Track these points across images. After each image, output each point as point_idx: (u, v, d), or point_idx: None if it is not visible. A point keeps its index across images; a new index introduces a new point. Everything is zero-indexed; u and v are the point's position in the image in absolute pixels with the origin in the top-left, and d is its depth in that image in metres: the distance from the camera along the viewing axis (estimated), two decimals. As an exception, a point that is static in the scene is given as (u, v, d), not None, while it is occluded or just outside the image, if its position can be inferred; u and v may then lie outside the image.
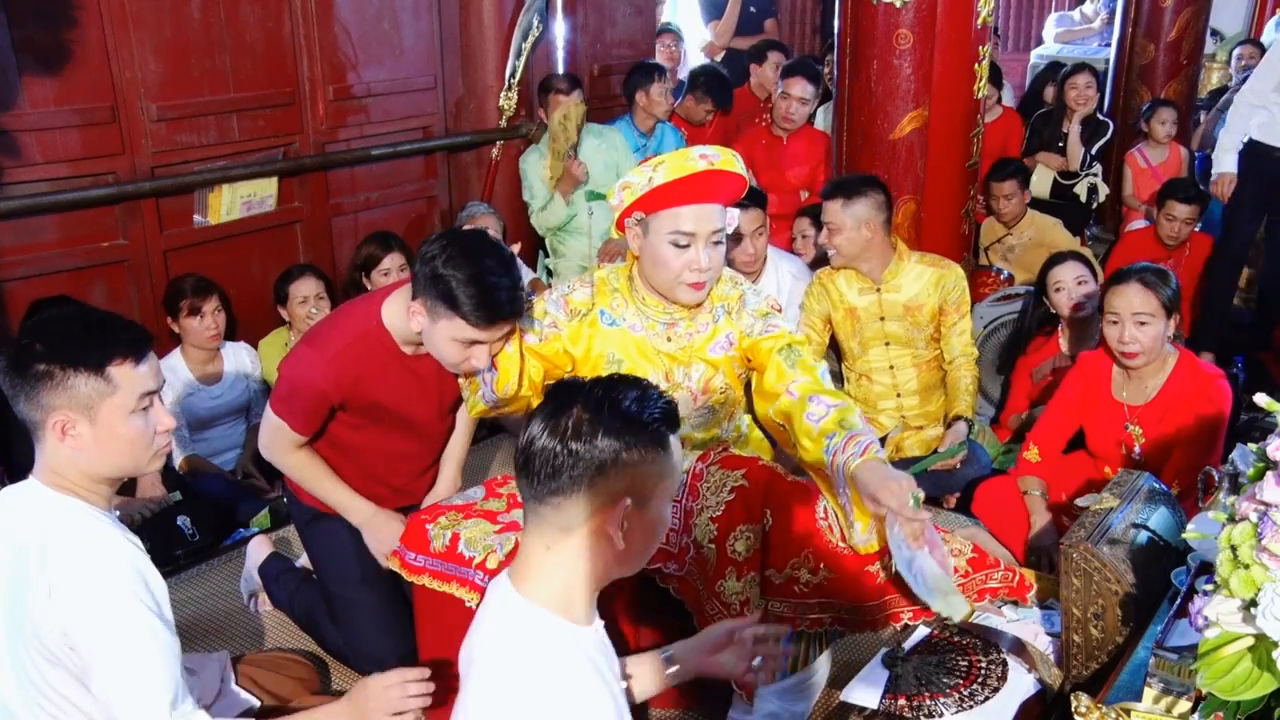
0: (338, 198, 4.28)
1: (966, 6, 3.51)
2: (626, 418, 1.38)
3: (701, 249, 2.18)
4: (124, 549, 1.67)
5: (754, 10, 6.83)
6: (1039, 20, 9.18)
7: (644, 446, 1.38)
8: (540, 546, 1.41)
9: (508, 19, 4.59)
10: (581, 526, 1.39)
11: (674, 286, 2.23)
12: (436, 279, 2.10)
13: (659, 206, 2.19)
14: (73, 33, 3.35)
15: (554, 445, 1.37)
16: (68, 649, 1.62)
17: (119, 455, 1.69)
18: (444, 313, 2.12)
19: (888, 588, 2.26)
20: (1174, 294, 2.79)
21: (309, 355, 2.29)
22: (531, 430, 1.40)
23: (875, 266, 3.30)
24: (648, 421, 1.39)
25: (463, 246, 2.13)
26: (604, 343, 2.32)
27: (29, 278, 3.41)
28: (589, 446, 1.36)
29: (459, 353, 2.18)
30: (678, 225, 2.17)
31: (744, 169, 2.27)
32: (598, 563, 1.41)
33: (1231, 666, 1.29)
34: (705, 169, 2.16)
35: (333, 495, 2.45)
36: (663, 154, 2.28)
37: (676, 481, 1.47)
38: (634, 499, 1.39)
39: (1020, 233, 4.77)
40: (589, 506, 1.38)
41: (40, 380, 1.62)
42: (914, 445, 3.39)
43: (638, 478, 1.39)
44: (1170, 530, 2.17)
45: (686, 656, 1.73)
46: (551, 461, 1.36)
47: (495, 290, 2.10)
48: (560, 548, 1.40)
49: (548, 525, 1.40)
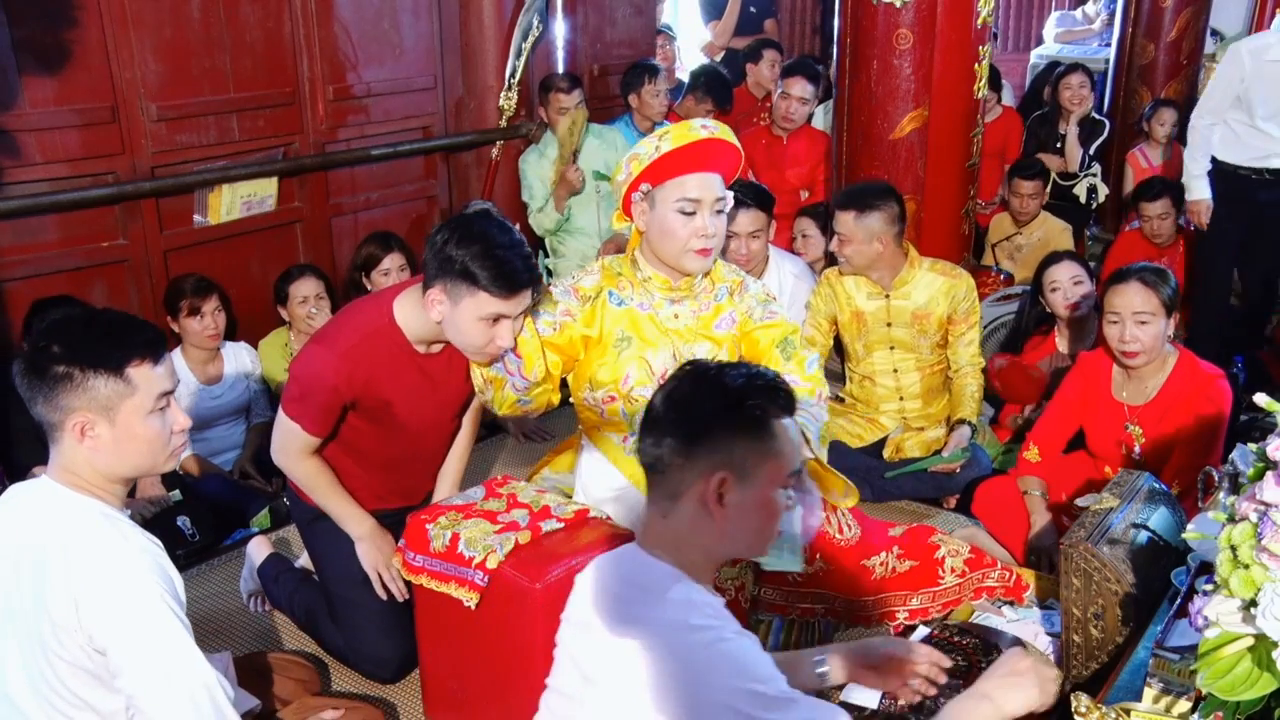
0: (338, 198, 4.28)
1: (966, 6, 3.52)
2: (727, 392, 1.46)
3: (707, 216, 2.29)
4: (145, 549, 1.67)
5: (754, 10, 6.83)
6: (1039, 20, 9.17)
7: (739, 423, 1.45)
8: (657, 515, 1.50)
9: (508, 19, 4.59)
10: (684, 495, 1.46)
11: (681, 255, 2.32)
12: (450, 261, 2.13)
13: (665, 176, 2.29)
14: (73, 33, 3.35)
15: (661, 412, 1.48)
16: (94, 652, 1.62)
17: (137, 455, 1.70)
18: (465, 291, 2.14)
19: (883, 585, 2.27)
20: (1173, 293, 2.79)
21: (320, 352, 2.29)
22: (652, 398, 1.51)
23: (885, 275, 3.29)
24: (747, 398, 1.46)
25: (467, 227, 2.17)
26: (612, 321, 2.39)
27: (29, 278, 3.41)
28: (687, 416, 1.45)
29: (484, 332, 2.19)
30: (684, 193, 2.28)
31: (739, 143, 2.37)
32: (703, 535, 1.47)
33: (1231, 666, 1.29)
34: (707, 137, 2.29)
35: (336, 507, 2.46)
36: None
37: (790, 467, 1.51)
38: (733, 474, 1.44)
39: (1030, 233, 4.78)
40: (688, 475, 1.45)
41: (59, 382, 1.62)
42: (914, 446, 3.38)
43: (735, 454, 1.45)
44: (1170, 530, 2.17)
45: (842, 666, 1.75)
46: (657, 427, 1.47)
47: (509, 260, 2.14)
48: (672, 516, 1.48)
49: (658, 492, 1.49)
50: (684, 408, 1.47)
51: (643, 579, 1.47)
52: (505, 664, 2.18)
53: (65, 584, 1.60)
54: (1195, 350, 2.91)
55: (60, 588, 1.60)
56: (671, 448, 1.46)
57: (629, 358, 2.38)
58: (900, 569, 2.33)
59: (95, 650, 1.62)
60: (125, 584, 1.62)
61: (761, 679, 1.39)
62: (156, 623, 1.62)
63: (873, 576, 2.25)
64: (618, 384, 2.38)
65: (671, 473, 1.47)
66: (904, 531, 2.49)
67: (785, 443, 1.49)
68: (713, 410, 1.45)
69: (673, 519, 1.48)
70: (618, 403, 2.40)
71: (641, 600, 1.44)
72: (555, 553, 2.15)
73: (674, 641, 1.39)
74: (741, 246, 3.43)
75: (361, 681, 2.54)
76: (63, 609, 1.60)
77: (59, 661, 1.63)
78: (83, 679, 1.65)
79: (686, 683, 1.37)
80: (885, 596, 2.31)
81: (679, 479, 1.46)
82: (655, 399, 1.51)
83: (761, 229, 3.48)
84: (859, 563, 2.22)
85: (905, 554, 2.35)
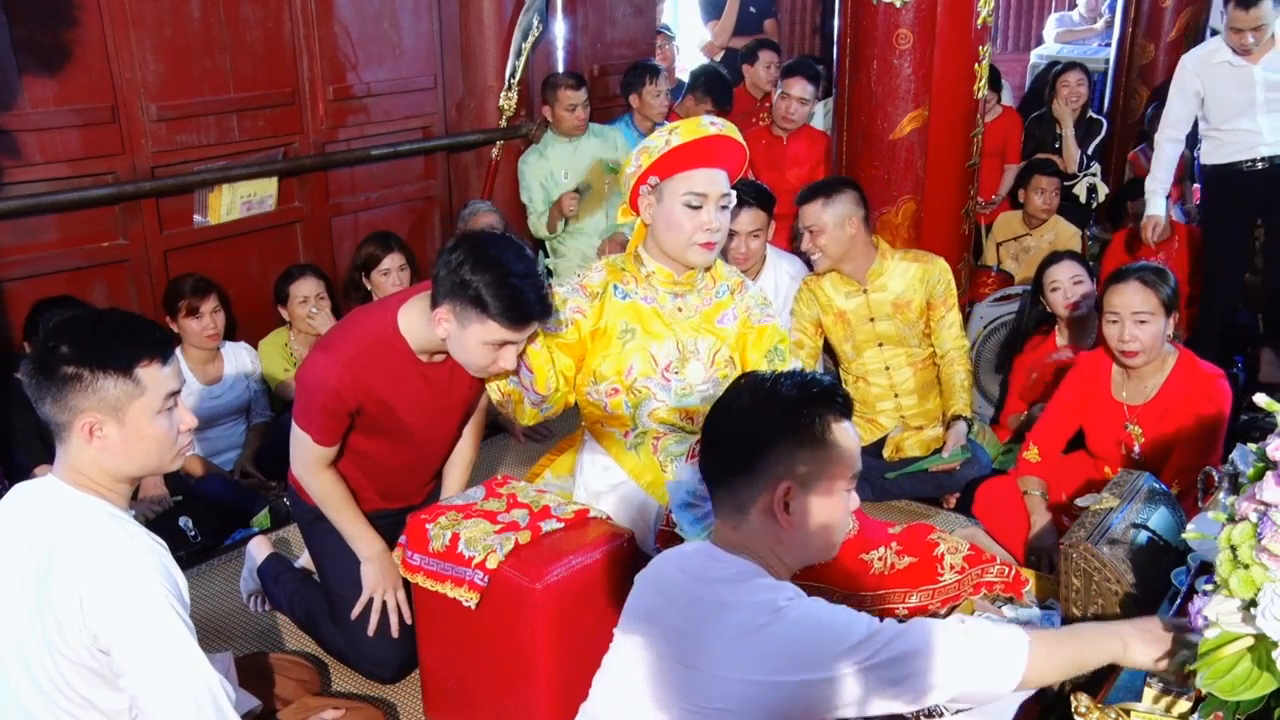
0: (338, 198, 4.28)
1: (966, 6, 3.51)
2: (783, 402, 1.49)
3: (712, 210, 2.33)
4: (151, 550, 1.67)
5: (754, 10, 6.82)
6: (1039, 20, 9.17)
7: (795, 431, 1.47)
8: (728, 527, 1.53)
9: (508, 19, 4.59)
10: (752, 508, 1.49)
11: (686, 248, 2.35)
12: (464, 285, 2.13)
13: (673, 170, 2.32)
14: (73, 33, 3.35)
15: (720, 427, 1.51)
16: (98, 652, 1.62)
17: (145, 455, 1.70)
18: (475, 317, 2.15)
19: (883, 581, 2.27)
20: (1173, 292, 2.80)
21: (323, 361, 2.29)
22: (710, 413, 1.54)
23: (860, 266, 3.31)
24: (801, 406, 1.48)
25: (485, 251, 2.16)
26: (617, 314, 2.41)
27: (29, 278, 3.41)
28: (747, 431, 1.48)
29: (488, 355, 2.21)
30: (691, 187, 2.31)
31: (744, 140, 2.40)
32: (775, 544, 1.51)
33: (1231, 666, 1.29)
34: (716, 133, 2.33)
35: (348, 526, 2.47)
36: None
37: (852, 469, 1.53)
38: (795, 482, 1.47)
39: (1041, 235, 4.78)
40: (754, 487, 1.48)
41: (68, 383, 1.63)
42: (914, 445, 3.39)
43: (796, 461, 1.47)
44: (1170, 530, 2.17)
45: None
46: (718, 443, 1.50)
47: (524, 291, 2.14)
48: (742, 528, 1.51)
49: (727, 508, 1.51)
50: (743, 422, 1.51)
51: (724, 571, 1.48)
52: (505, 664, 2.18)
53: (71, 584, 1.60)
54: (1197, 350, 2.91)
55: (66, 588, 1.60)
56: (734, 462, 1.49)
57: (632, 349, 2.39)
58: (899, 565, 2.33)
59: (100, 650, 1.62)
60: (130, 585, 1.62)
61: (858, 629, 1.41)
62: (160, 624, 1.63)
63: (871, 572, 2.25)
64: (621, 375, 2.40)
65: (738, 488, 1.50)
66: (903, 529, 2.49)
67: (844, 446, 1.52)
68: (771, 423, 1.48)
69: (743, 530, 1.52)
70: (621, 395, 2.40)
71: (729, 587, 1.46)
72: (555, 553, 2.15)
73: (772, 618, 1.41)
74: (741, 245, 3.44)
75: (361, 681, 2.54)
76: (68, 609, 1.60)
77: (63, 660, 1.63)
78: (87, 678, 1.65)
79: (795, 654, 1.39)
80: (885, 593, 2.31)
81: (745, 494, 1.50)
82: (714, 414, 1.54)
83: (761, 228, 3.48)
84: (858, 557, 2.23)
85: (904, 550, 2.35)
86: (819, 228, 3.25)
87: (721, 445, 1.53)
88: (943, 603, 2.45)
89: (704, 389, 2.44)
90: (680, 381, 2.42)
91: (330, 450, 2.38)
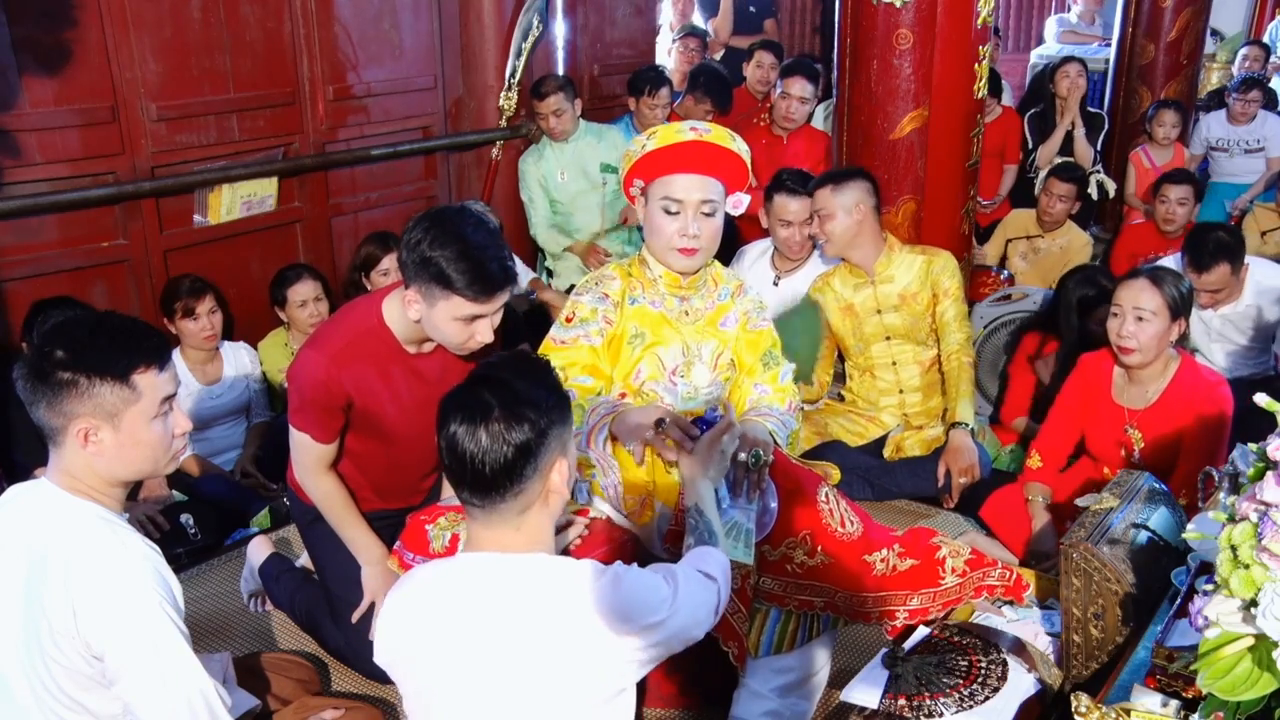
0: (338, 198, 4.29)
1: (966, 6, 3.51)
2: (527, 399, 1.54)
3: (690, 217, 2.30)
4: (145, 556, 1.67)
5: (754, 10, 6.82)
6: (1039, 20, 9.17)
7: (550, 414, 1.55)
8: (509, 530, 1.56)
9: (508, 19, 4.59)
10: (537, 499, 1.56)
11: (667, 252, 2.34)
12: (426, 262, 2.11)
13: (654, 174, 2.32)
14: (73, 33, 3.35)
15: (495, 448, 1.50)
16: (92, 658, 1.62)
17: (139, 460, 1.70)
18: (440, 294, 2.13)
19: (885, 583, 2.27)
20: (1182, 296, 2.76)
21: (312, 356, 2.29)
22: (465, 446, 1.51)
23: (867, 255, 3.33)
24: (551, 390, 1.57)
25: (445, 224, 2.13)
26: (627, 319, 2.41)
27: (29, 278, 3.41)
28: (519, 432, 1.51)
29: (461, 331, 2.19)
30: (667, 192, 2.30)
31: (742, 149, 2.35)
32: (556, 517, 1.62)
33: (1231, 666, 1.29)
34: (693, 139, 2.28)
35: (349, 532, 2.46)
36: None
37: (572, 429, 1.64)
38: (564, 453, 1.58)
39: (1053, 239, 4.77)
40: (540, 479, 1.55)
41: (64, 388, 1.61)
42: (914, 445, 3.39)
43: (558, 437, 1.56)
44: (1170, 530, 2.17)
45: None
46: (500, 463, 1.50)
47: (486, 262, 2.11)
48: (524, 524, 1.57)
49: (509, 513, 1.55)
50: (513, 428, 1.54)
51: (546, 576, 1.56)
52: (505, 664, 2.17)
53: (64, 590, 1.60)
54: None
55: (59, 593, 1.60)
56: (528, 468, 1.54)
57: (641, 353, 2.39)
58: (901, 567, 2.33)
59: (93, 656, 1.62)
60: (124, 591, 1.61)
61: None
62: (154, 631, 1.62)
63: (874, 573, 2.25)
64: (628, 379, 2.39)
65: (527, 488, 1.56)
66: (905, 532, 2.50)
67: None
68: (529, 416, 1.55)
69: (524, 528, 1.59)
70: (628, 399, 2.40)
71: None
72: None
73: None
74: (795, 234, 3.58)
75: (361, 681, 2.53)
76: (61, 615, 1.59)
77: (56, 666, 1.62)
78: (80, 683, 1.64)
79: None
80: (886, 595, 2.30)
81: (533, 489, 1.57)
82: (476, 447, 1.53)
83: (809, 218, 3.53)
84: (860, 558, 2.23)
85: (906, 552, 2.34)
86: (828, 212, 3.29)
87: (498, 463, 1.54)
88: (943, 605, 2.45)
89: (708, 392, 2.44)
90: (686, 385, 2.42)
91: (330, 449, 2.38)
